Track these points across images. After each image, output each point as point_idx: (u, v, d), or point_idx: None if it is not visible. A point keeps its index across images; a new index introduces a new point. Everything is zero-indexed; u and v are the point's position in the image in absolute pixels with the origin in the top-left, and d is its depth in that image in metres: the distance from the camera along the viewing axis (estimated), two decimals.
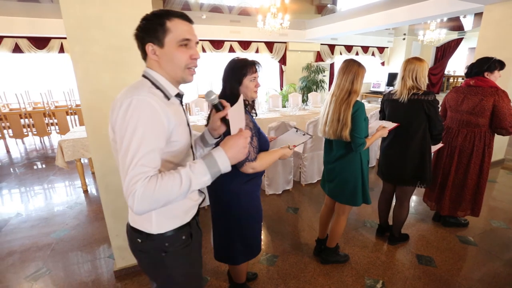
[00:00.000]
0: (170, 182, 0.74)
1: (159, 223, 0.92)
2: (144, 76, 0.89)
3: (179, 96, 0.94)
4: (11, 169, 4.33)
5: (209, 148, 1.16)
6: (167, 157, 0.87)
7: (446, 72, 10.11)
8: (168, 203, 0.77)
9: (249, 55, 8.06)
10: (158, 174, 0.76)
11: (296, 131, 1.52)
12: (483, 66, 2.21)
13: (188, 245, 1.00)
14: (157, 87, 0.86)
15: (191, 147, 1.01)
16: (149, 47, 0.84)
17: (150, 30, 0.83)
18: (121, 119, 0.76)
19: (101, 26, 1.59)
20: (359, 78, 1.69)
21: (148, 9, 1.67)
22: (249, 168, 1.26)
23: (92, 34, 1.58)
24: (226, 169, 0.83)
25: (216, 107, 0.99)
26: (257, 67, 1.33)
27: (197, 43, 0.90)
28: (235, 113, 0.91)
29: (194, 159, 1.03)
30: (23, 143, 5.74)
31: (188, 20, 0.87)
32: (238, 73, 1.31)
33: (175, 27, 0.83)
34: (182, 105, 0.98)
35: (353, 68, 1.68)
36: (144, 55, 0.88)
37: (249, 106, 1.39)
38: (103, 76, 1.66)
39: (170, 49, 0.84)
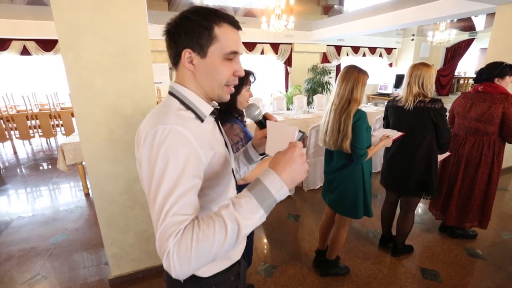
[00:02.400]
0: (211, 232, 0.56)
1: (207, 268, 0.79)
2: (170, 93, 0.73)
3: (214, 113, 0.78)
4: (18, 170, 4.39)
5: (255, 165, 0.98)
6: (203, 191, 0.71)
7: (456, 74, 9.85)
8: (216, 258, 0.58)
9: (254, 56, 8.01)
10: (194, 222, 0.58)
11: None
12: (493, 72, 2.10)
13: (236, 286, 0.88)
14: (188, 107, 0.71)
15: (232, 171, 0.85)
16: (186, 54, 0.67)
17: (193, 33, 0.66)
18: (146, 156, 0.62)
19: (94, 31, 1.56)
20: (359, 86, 1.61)
21: (143, 14, 1.63)
22: (240, 180, 1.21)
23: (85, 40, 1.55)
24: (282, 196, 0.61)
25: (261, 124, 0.81)
26: (252, 77, 1.33)
27: (241, 54, 0.74)
28: (276, 130, 0.74)
29: (237, 185, 0.87)
30: (30, 144, 5.83)
31: (238, 27, 0.71)
32: (239, 82, 1.29)
33: (224, 35, 0.67)
34: (218, 122, 0.82)
35: (352, 75, 1.61)
36: (176, 61, 0.71)
37: (241, 116, 1.35)
38: (96, 82, 1.64)
39: (213, 61, 0.68)
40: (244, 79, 1.31)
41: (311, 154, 3.31)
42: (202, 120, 0.72)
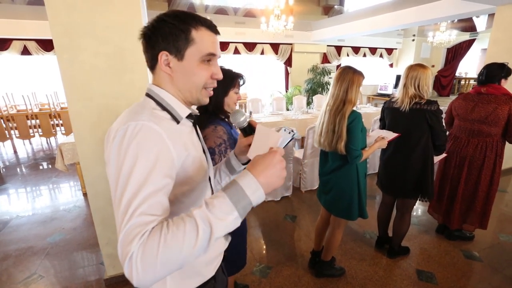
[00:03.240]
0: (181, 233, 0.51)
1: (175, 284, 0.73)
2: (147, 95, 0.72)
3: (192, 117, 0.76)
4: (17, 169, 4.41)
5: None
6: (177, 197, 0.69)
7: (457, 74, 9.82)
8: (185, 265, 0.54)
9: (254, 56, 8.01)
10: (163, 223, 0.53)
11: (284, 130, 1.42)
12: (500, 73, 2.09)
13: None
14: (164, 108, 0.69)
15: (209, 180, 0.82)
16: (163, 56, 0.67)
17: (170, 36, 0.66)
18: (115, 152, 0.59)
19: (89, 33, 1.56)
20: (353, 87, 1.61)
21: (138, 16, 1.64)
22: None
23: (80, 41, 1.56)
24: (259, 199, 0.59)
25: (245, 131, 0.79)
26: (241, 80, 1.33)
27: (219, 57, 0.75)
28: (264, 134, 0.73)
29: (212, 193, 0.84)
30: (30, 143, 5.85)
31: (216, 31, 0.72)
32: (226, 84, 1.30)
33: (201, 38, 0.67)
34: (196, 128, 0.81)
35: (347, 76, 1.60)
36: (153, 64, 0.70)
37: (228, 118, 1.36)
38: (91, 84, 1.64)
39: (190, 64, 0.68)
40: (233, 81, 1.31)
41: (309, 154, 3.31)
42: (177, 122, 0.70)
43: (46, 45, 6.09)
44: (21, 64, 6.88)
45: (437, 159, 2.07)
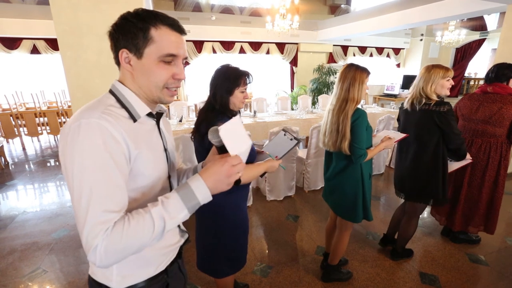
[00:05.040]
0: (140, 227, 0.60)
1: (123, 273, 0.75)
2: (110, 91, 0.74)
3: (153, 116, 0.77)
4: (26, 166, 4.50)
5: None
6: (133, 194, 0.71)
7: (466, 75, 9.63)
8: (140, 250, 0.63)
9: (260, 56, 8.00)
10: (124, 218, 0.61)
11: (284, 134, 1.39)
12: (510, 73, 2.03)
13: None
14: (122, 105, 0.70)
15: (169, 178, 0.82)
16: (123, 54, 0.68)
17: (128, 34, 0.66)
18: (68, 151, 0.61)
19: (93, 31, 1.58)
20: (356, 84, 1.57)
21: None
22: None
23: (84, 39, 1.57)
24: (206, 200, 0.68)
25: (222, 150, 0.75)
26: (247, 78, 1.30)
27: (185, 58, 0.74)
28: (230, 133, 0.72)
29: (171, 190, 0.85)
30: (38, 141, 5.96)
31: (179, 30, 0.70)
32: (231, 83, 1.29)
33: (161, 37, 0.67)
34: (159, 126, 0.80)
35: (349, 74, 1.57)
36: (117, 61, 0.73)
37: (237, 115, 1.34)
38: (95, 81, 1.66)
39: (148, 62, 0.68)
40: (237, 80, 1.28)
41: (312, 154, 3.28)
42: (134, 120, 0.71)
43: (55, 44, 6.19)
44: (30, 62, 7.01)
45: (458, 165, 1.98)
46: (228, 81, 1.28)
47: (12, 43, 5.99)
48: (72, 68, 1.61)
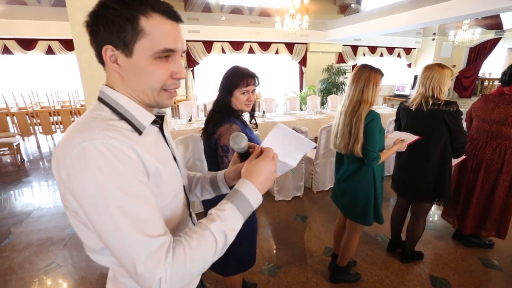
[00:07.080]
0: (203, 247, 0.54)
1: None
2: (100, 99, 0.59)
3: (157, 122, 0.65)
4: (40, 163, 4.64)
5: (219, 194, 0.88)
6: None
7: (480, 75, 9.39)
8: (204, 270, 0.59)
9: (269, 56, 8.01)
10: (181, 240, 0.54)
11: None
12: None
13: None
14: (122, 117, 0.57)
15: (184, 190, 0.73)
16: (108, 51, 0.54)
17: (113, 26, 0.52)
18: (77, 184, 0.50)
19: None
20: (370, 86, 1.54)
21: None
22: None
23: None
24: (258, 203, 0.63)
25: (244, 156, 0.71)
26: (251, 80, 1.28)
27: (184, 52, 0.61)
28: (281, 138, 0.68)
29: (188, 203, 0.77)
30: (52, 139, 6.13)
31: (175, 18, 0.57)
32: (229, 84, 1.29)
33: (154, 28, 0.54)
34: (162, 131, 0.68)
35: (363, 75, 1.55)
36: (100, 60, 0.58)
37: (240, 116, 1.36)
38: None
39: (140, 61, 0.55)
40: (234, 81, 1.26)
41: (321, 155, 3.27)
42: (140, 133, 0.59)
43: (69, 44, 6.36)
44: (45, 63, 7.22)
45: (455, 161, 2.00)
46: (228, 81, 1.29)
47: (28, 44, 6.18)
48: (86, 68, 1.65)
